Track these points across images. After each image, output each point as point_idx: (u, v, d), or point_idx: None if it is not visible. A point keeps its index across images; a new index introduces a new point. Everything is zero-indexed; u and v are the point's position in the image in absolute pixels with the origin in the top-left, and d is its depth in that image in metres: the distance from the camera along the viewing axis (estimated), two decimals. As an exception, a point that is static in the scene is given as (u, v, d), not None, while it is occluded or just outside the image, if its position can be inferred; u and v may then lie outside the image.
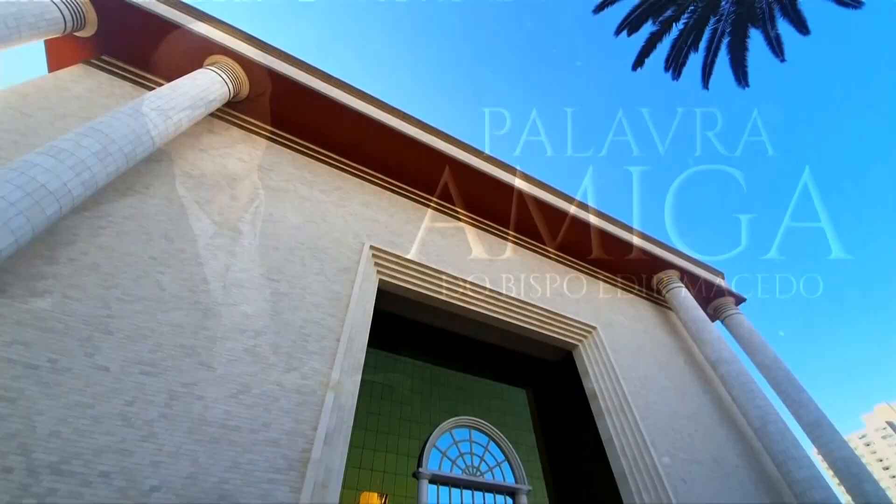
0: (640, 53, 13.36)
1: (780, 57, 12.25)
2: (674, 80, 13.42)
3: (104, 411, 7.65)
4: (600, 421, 16.29)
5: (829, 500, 14.19)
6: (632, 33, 13.14)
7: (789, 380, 20.66)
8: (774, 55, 12.26)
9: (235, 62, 15.30)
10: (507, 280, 18.21)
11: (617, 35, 13.28)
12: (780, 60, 12.26)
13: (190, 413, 8.35)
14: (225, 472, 7.99)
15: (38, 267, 8.74)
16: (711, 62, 12.94)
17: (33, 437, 6.98)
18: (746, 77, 12.74)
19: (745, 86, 12.80)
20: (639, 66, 13.55)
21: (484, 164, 20.03)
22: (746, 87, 12.86)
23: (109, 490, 7.00)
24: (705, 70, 13.16)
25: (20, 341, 7.71)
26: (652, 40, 13.10)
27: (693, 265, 25.91)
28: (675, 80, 13.42)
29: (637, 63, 13.52)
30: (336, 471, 9.48)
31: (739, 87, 12.88)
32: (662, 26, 12.80)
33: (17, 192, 7.63)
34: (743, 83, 12.77)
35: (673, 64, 13.33)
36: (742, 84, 12.81)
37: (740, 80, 12.77)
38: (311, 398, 9.96)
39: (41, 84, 12.11)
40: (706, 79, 13.34)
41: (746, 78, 12.75)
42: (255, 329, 10.40)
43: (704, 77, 13.32)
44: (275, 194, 14.44)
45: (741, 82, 12.80)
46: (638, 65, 13.56)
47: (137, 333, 8.84)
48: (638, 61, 13.38)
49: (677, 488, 13.91)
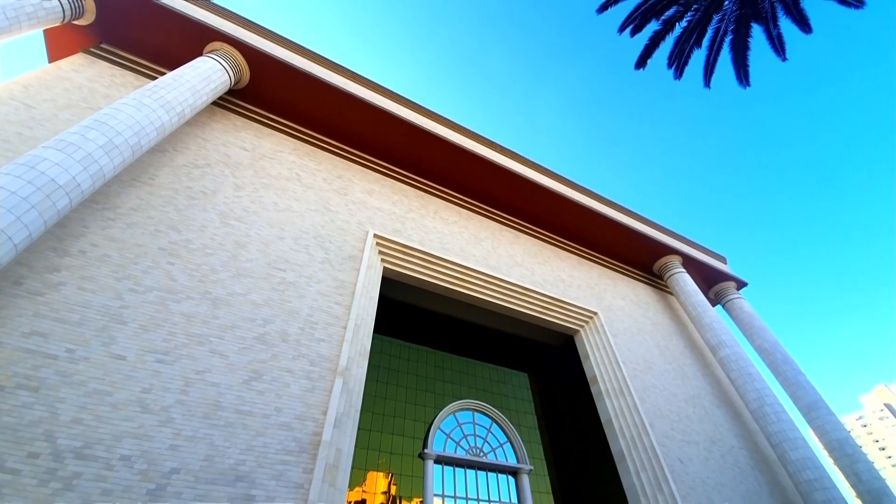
0: (643, 53, 13.34)
1: (781, 56, 12.24)
2: (676, 80, 13.50)
3: (122, 398, 7.96)
4: (600, 403, 16.69)
5: (822, 479, 14.65)
6: (635, 34, 13.14)
7: (787, 363, 21.01)
8: (776, 54, 12.23)
9: (235, 49, 15.13)
10: (509, 266, 18.39)
11: (620, 33, 13.24)
12: (781, 59, 12.27)
13: (205, 399, 8.67)
14: (241, 455, 8.34)
15: (50, 259, 8.94)
16: (714, 61, 12.93)
17: (56, 423, 7.30)
18: (748, 76, 12.76)
19: (746, 85, 12.82)
20: (641, 66, 13.57)
21: (486, 150, 19.96)
22: (747, 86, 12.90)
23: (131, 473, 7.35)
24: (707, 69, 13.17)
25: (38, 332, 7.97)
26: (655, 39, 13.07)
27: (695, 250, 26.01)
28: (677, 78, 13.47)
29: (640, 62, 13.50)
30: (346, 452, 9.86)
31: (741, 87, 12.94)
32: (665, 25, 12.73)
33: (28, 187, 7.76)
34: (744, 82, 12.79)
35: (676, 61, 13.32)
36: (743, 83, 12.84)
37: (741, 80, 12.79)
38: (320, 384, 10.27)
39: (43, 75, 12.07)
40: (708, 77, 13.35)
41: (748, 77, 12.77)
42: (263, 318, 10.64)
43: (706, 75, 13.34)
44: (278, 183, 14.50)
45: (742, 81, 12.82)
46: (641, 64, 13.56)
47: (151, 323, 9.08)
48: (641, 61, 13.36)
49: (674, 468, 14.37)
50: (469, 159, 19.07)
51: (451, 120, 19.84)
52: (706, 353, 21.84)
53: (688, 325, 23.25)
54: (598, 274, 22.46)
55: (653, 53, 13.24)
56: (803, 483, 14.82)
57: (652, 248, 23.81)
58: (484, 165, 19.33)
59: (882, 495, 15.98)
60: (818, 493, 14.36)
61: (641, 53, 13.34)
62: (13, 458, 6.74)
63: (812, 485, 14.58)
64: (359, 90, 17.35)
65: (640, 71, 13.55)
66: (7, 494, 6.44)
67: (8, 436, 6.87)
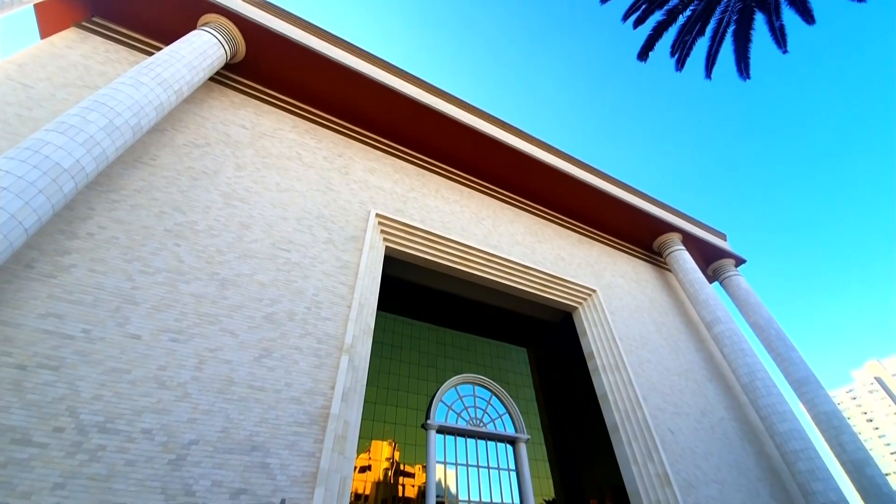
0: (646, 44, 13.35)
1: (782, 48, 12.35)
2: (677, 71, 13.63)
3: (140, 376, 8.32)
4: (596, 378, 17.27)
5: (807, 449, 15.38)
6: (637, 25, 13.19)
7: (780, 339, 21.56)
8: (777, 46, 12.33)
9: (230, 21, 14.69)
10: (510, 245, 18.55)
11: (624, 21, 13.34)
12: (782, 52, 12.40)
13: (218, 375, 9.05)
14: (255, 427, 8.81)
15: (60, 242, 9.10)
16: (716, 52, 13.04)
17: (78, 400, 7.68)
18: (748, 69, 12.87)
19: (747, 77, 12.93)
20: (643, 59, 13.62)
21: (488, 126, 19.69)
22: (747, 78, 13.01)
23: (152, 445, 7.80)
24: (709, 60, 13.27)
25: (55, 314, 8.23)
26: (658, 29, 13.08)
27: (696, 227, 26.08)
28: (678, 70, 13.58)
29: (642, 54, 13.57)
30: (353, 424, 10.37)
31: (741, 79, 13.07)
32: (669, 16, 12.73)
33: (35, 171, 7.81)
34: (744, 75, 12.91)
35: (678, 51, 13.37)
36: (743, 76, 12.95)
37: (742, 72, 12.90)
38: (328, 360, 10.67)
39: (36, 52, 11.81)
40: (709, 68, 13.47)
41: (748, 69, 12.88)
42: (270, 298, 10.92)
43: (708, 66, 13.44)
44: (279, 163, 14.44)
45: (742, 74, 12.93)
46: (643, 56, 13.61)
47: (162, 303, 9.35)
48: (643, 52, 13.52)
49: (665, 438, 15.07)
50: (471, 136, 18.85)
51: (452, 95, 19.46)
52: (701, 329, 22.34)
53: (685, 302, 23.66)
54: (598, 252, 22.66)
55: (655, 45, 13.33)
56: (789, 453, 15.57)
57: (653, 225, 23.89)
58: (486, 142, 19.12)
59: (864, 465, 16.85)
60: (802, 462, 15.12)
61: (644, 45, 13.40)
62: (40, 433, 7.15)
63: (797, 455, 15.32)
64: (358, 63, 16.94)
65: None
66: (37, 466, 6.88)
67: (34, 412, 7.26)
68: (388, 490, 15.15)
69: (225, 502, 7.80)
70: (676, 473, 14.15)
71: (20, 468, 6.76)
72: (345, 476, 9.44)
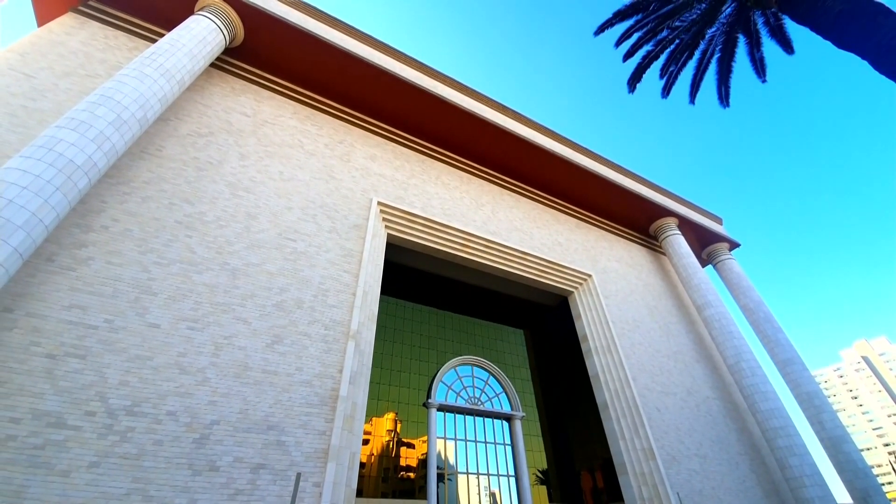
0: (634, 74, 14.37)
1: (762, 78, 13.54)
2: (663, 98, 14.90)
3: (162, 362, 8.86)
4: (588, 359, 18.07)
5: (786, 427, 16.35)
6: (627, 59, 14.21)
7: (769, 321, 22.37)
8: (757, 76, 13.57)
9: (227, 4, 14.47)
10: (508, 231, 18.93)
11: (617, 47, 14.26)
12: (761, 81, 13.64)
13: (234, 361, 9.62)
14: (270, 408, 9.45)
15: (76, 236, 9.43)
16: (699, 80, 14.27)
17: (106, 385, 8.23)
18: (728, 97, 14.20)
19: (726, 105, 14.37)
20: (632, 90, 14.60)
21: (489, 112, 19.68)
22: (727, 106, 14.43)
23: (177, 425, 8.42)
24: (693, 87, 14.53)
25: (77, 305, 8.67)
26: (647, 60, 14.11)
27: (692, 211, 26.45)
28: (664, 97, 14.80)
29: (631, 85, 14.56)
30: (360, 405, 11.06)
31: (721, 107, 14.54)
32: (657, 46, 13.72)
33: (50, 169, 8.07)
34: (724, 103, 14.31)
35: (666, 78, 14.56)
36: (724, 104, 14.36)
37: (723, 100, 14.28)
38: (335, 346, 11.24)
39: (36, 40, 11.73)
40: (693, 94, 14.75)
41: (728, 98, 14.22)
42: (279, 286, 11.37)
43: (692, 93, 14.73)
44: (282, 151, 14.58)
45: (723, 101, 14.31)
46: (632, 88, 14.59)
47: (178, 294, 9.80)
48: (631, 83, 14.48)
49: (651, 415, 15.98)
50: (471, 120, 18.86)
51: (452, 78, 19.34)
52: (692, 312, 23.09)
53: (678, 286, 24.31)
54: (595, 237, 23.08)
55: (642, 77, 14.39)
56: (769, 430, 16.55)
57: (650, 209, 24.23)
58: (486, 126, 19.15)
59: (842, 441, 17.99)
60: (782, 439, 16.11)
61: (632, 75, 14.38)
62: (73, 417, 7.73)
63: (777, 432, 16.30)
64: (356, 46, 16.78)
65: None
66: (73, 447, 7.49)
67: (66, 398, 7.81)
68: (389, 460, 16.14)
69: (246, 475, 8.51)
70: (661, 448, 15.12)
71: (58, 449, 7.36)
72: (354, 452, 10.20)
